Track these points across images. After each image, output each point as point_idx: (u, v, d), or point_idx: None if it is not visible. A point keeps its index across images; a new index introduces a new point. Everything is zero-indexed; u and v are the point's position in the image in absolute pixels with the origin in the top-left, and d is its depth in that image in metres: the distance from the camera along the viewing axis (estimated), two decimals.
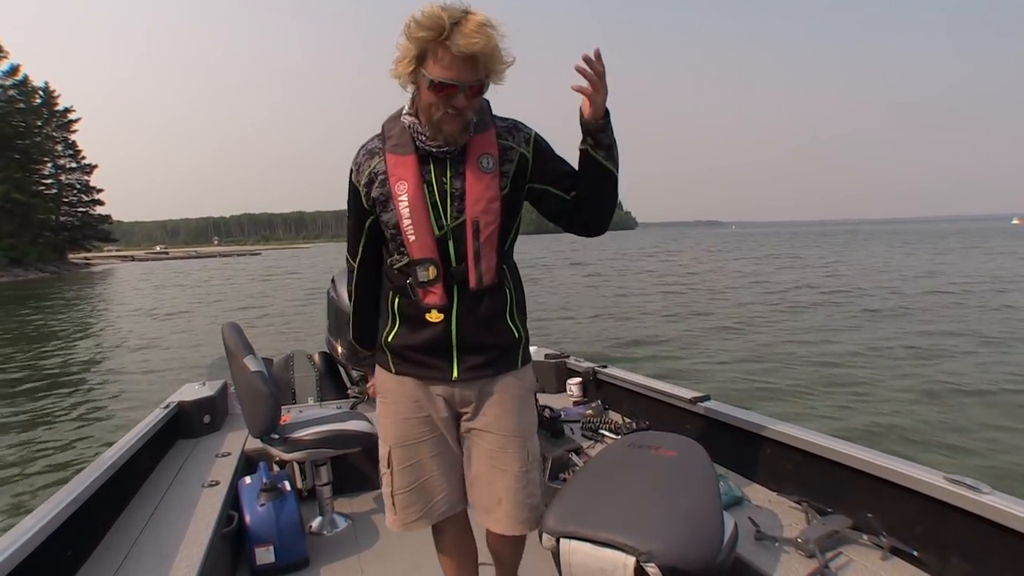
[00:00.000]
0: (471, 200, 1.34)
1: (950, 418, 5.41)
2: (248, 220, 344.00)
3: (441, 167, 1.35)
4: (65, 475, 4.63)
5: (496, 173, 1.35)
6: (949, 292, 14.75)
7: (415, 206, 1.33)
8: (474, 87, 1.25)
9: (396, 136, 1.38)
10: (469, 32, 1.18)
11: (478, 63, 1.21)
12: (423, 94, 1.27)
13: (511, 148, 1.38)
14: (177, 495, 2.01)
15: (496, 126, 1.39)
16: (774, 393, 6.44)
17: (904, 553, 1.46)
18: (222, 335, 2.20)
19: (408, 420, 1.45)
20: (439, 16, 1.17)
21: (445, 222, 1.34)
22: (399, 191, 1.35)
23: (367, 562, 2.03)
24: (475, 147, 1.36)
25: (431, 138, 1.33)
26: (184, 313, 16.42)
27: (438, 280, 1.34)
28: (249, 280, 29.82)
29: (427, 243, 1.34)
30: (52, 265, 45.73)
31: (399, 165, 1.36)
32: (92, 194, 55.83)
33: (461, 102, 1.25)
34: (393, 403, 1.48)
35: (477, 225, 1.34)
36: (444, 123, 1.28)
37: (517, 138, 1.39)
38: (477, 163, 1.34)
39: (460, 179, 1.35)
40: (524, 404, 1.46)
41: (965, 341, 8.78)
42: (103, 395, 7.56)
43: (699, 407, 2.17)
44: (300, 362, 3.35)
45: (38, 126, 50.55)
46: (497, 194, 1.35)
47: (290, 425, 2.15)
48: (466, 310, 1.37)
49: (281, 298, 19.17)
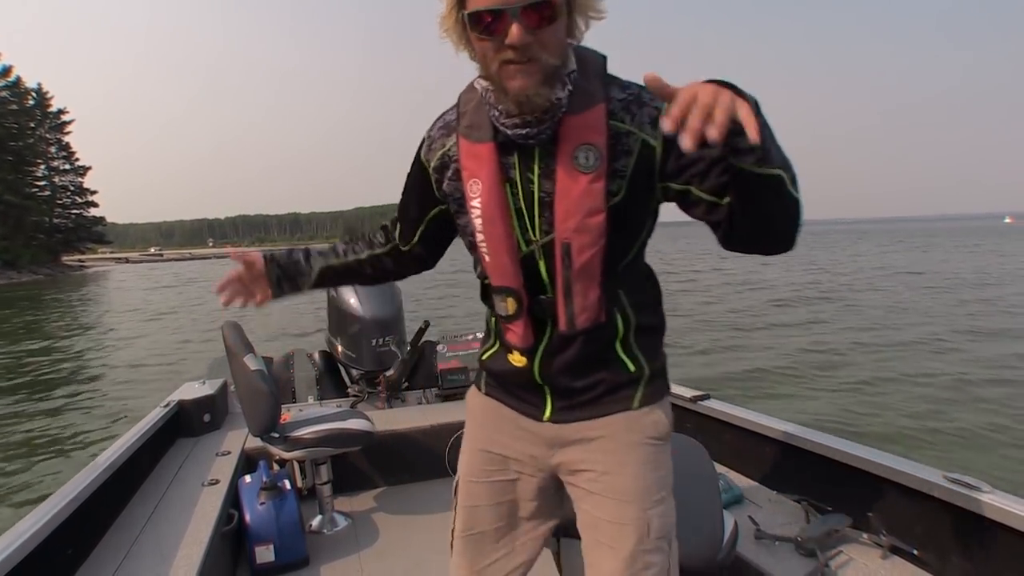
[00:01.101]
0: (560, 213, 0.95)
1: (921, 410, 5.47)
2: (243, 221, 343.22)
3: (527, 159, 0.97)
4: (65, 474, 4.63)
5: (600, 172, 0.92)
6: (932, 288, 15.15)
7: (491, 216, 0.99)
8: (531, 8, 0.84)
9: (471, 113, 1.01)
10: None
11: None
12: (474, 45, 0.92)
13: (629, 133, 0.93)
14: (177, 494, 2.01)
15: (608, 97, 0.94)
16: (760, 385, 6.50)
17: (904, 552, 1.47)
18: (222, 334, 2.20)
19: (481, 452, 1.16)
20: None
21: (533, 236, 0.99)
22: (472, 192, 1.00)
23: (367, 561, 2.03)
24: (569, 132, 0.93)
25: (506, 112, 0.93)
26: (178, 313, 16.37)
27: (519, 316, 1.02)
28: None
29: (505, 267, 1.01)
30: (46, 267, 45.55)
31: (472, 156, 1.00)
32: (86, 196, 55.66)
33: (517, 36, 0.84)
34: (475, 427, 1.20)
35: (567, 249, 0.95)
36: (505, 77, 0.89)
37: (639, 117, 0.93)
38: (572, 157, 0.93)
39: (550, 179, 0.95)
40: (646, 459, 1.05)
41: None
42: (102, 395, 7.56)
43: (699, 406, 2.18)
44: (300, 361, 3.35)
45: (31, 128, 50.42)
46: (600, 205, 0.93)
47: (290, 424, 2.15)
48: (553, 353, 1.04)
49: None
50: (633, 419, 1.05)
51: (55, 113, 53.42)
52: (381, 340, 2.91)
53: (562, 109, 0.93)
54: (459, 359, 3.02)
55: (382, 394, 2.93)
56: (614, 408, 1.05)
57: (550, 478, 1.12)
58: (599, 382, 1.04)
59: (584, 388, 1.05)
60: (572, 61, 0.94)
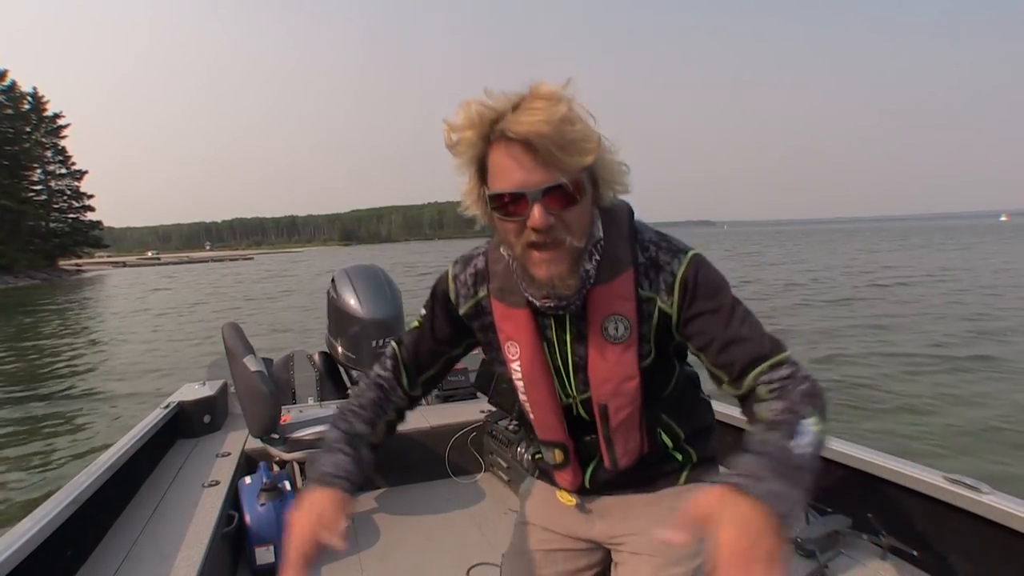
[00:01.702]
0: (595, 380, 0.97)
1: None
2: (240, 225, 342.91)
3: (560, 323, 0.97)
4: (65, 475, 4.61)
5: (631, 341, 0.93)
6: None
7: (533, 377, 1.00)
8: (553, 192, 0.81)
9: (501, 276, 1.00)
10: (527, 109, 0.79)
11: (549, 155, 0.79)
12: (496, 226, 0.89)
13: (650, 299, 0.93)
14: (177, 495, 2.00)
15: (636, 262, 0.93)
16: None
17: (903, 553, 1.46)
18: (222, 335, 2.20)
19: (525, 524, 1.16)
20: (478, 107, 0.82)
21: (571, 391, 1.01)
22: (511, 355, 1.01)
23: (367, 561, 2.03)
24: (598, 303, 0.93)
25: (532, 290, 0.93)
26: (174, 314, 16.34)
27: (567, 463, 1.06)
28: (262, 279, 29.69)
29: (551, 423, 1.03)
30: (43, 272, 45.44)
31: (508, 319, 1.00)
32: (82, 200, 55.57)
33: (539, 220, 0.81)
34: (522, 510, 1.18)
35: (605, 410, 0.98)
36: (530, 264, 0.87)
37: (656, 283, 0.93)
38: (602, 329, 0.94)
39: (582, 344, 0.97)
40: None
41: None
42: (101, 396, 7.55)
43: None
44: (300, 362, 3.34)
45: (27, 132, 50.28)
46: (633, 372, 0.95)
47: (290, 425, 2.14)
48: (603, 480, 1.07)
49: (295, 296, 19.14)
50: (678, 492, 1.06)
51: (51, 117, 53.35)
52: (381, 341, 2.91)
53: (590, 281, 0.93)
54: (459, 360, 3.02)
55: None
56: (660, 485, 1.07)
57: (591, 552, 1.12)
58: (647, 476, 1.07)
59: (631, 482, 1.07)
60: (599, 228, 0.94)
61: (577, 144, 0.80)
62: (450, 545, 2.09)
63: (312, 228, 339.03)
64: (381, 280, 3.07)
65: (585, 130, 0.81)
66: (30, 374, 9.29)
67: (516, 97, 0.81)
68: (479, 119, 0.82)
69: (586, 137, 0.81)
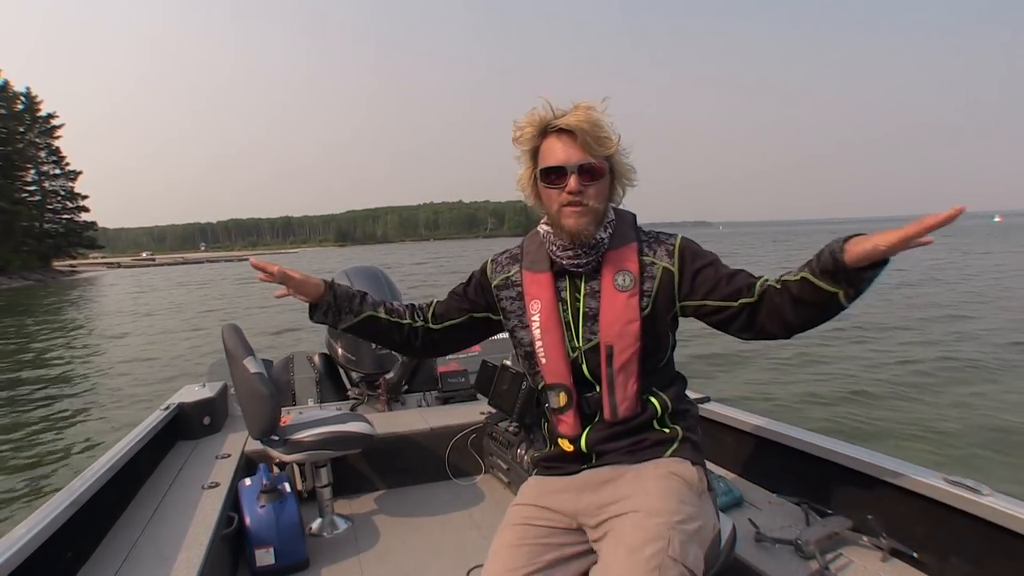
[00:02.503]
0: (605, 322, 1.23)
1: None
2: (235, 226, 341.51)
3: (575, 283, 1.28)
4: (65, 477, 4.60)
5: (635, 291, 1.23)
6: None
7: (548, 326, 1.27)
8: (585, 168, 1.19)
9: (533, 252, 1.35)
10: (573, 112, 1.19)
11: (585, 142, 1.18)
12: (541, 193, 1.26)
13: (653, 263, 1.26)
14: (177, 497, 2.00)
15: (639, 240, 1.29)
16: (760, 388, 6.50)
17: (904, 555, 1.46)
18: (222, 336, 2.19)
19: (519, 506, 1.27)
20: (539, 114, 1.21)
21: (577, 344, 1.25)
22: (533, 310, 1.29)
23: (367, 563, 2.02)
24: (611, 263, 1.26)
25: (562, 246, 1.26)
26: (168, 315, 16.28)
27: (570, 407, 1.26)
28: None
29: (559, 367, 1.26)
30: (36, 273, 45.18)
31: (534, 283, 1.31)
32: (77, 200, 55.24)
33: (573, 185, 1.19)
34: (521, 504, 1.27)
35: (611, 351, 1.22)
36: (564, 217, 1.22)
37: (659, 251, 1.27)
38: (612, 281, 1.25)
39: (595, 298, 1.26)
40: (673, 489, 1.14)
41: None
42: (100, 397, 7.52)
43: (699, 408, 2.19)
44: (300, 363, 3.34)
45: (20, 132, 49.96)
46: (636, 315, 1.22)
47: (290, 427, 2.14)
48: (600, 438, 1.25)
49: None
50: (663, 462, 1.22)
51: (45, 117, 53.06)
52: None
53: (604, 246, 1.27)
54: (459, 362, 3.02)
55: (382, 397, 2.92)
56: (646, 456, 1.24)
57: (579, 532, 1.19)
58: (637, 442, 1.25)
59: (622, 447, 1.25)
60: (612, 214, 1.30)
61: (603, 139, 1.20)
62: (450, 547, 2.09)
63: (308, 229, 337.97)
64: (381, 281, 3.07)
65: (609, 132, 1.21)
66: (25, 376, 9.24)
67: (564, 110, 1.20)
68: (539, 120, 1.22)
69: (610, 136, 1.21)
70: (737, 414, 2.07)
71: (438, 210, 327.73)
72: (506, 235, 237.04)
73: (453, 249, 78.47)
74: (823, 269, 1.04)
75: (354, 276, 3.04)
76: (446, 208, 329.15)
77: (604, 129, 1.19)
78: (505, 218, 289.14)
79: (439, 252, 49.79)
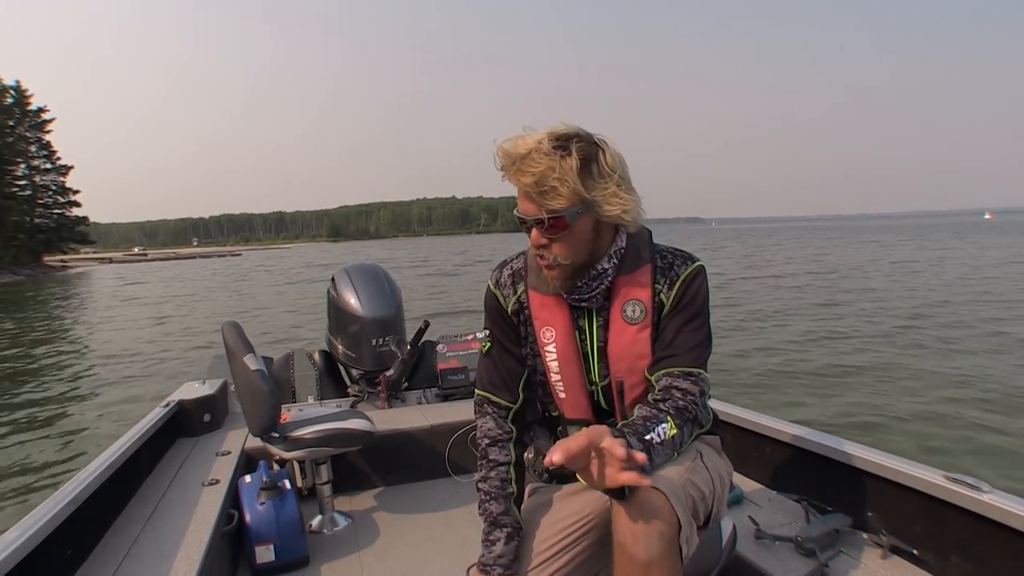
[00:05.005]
0: (613, 357, 1.15)
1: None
2: (228, 221, 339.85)
3: (588, 312, 1.17)
4: (64, 474, 4.57)
5: (646, 323, 1.13)
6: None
7: (566, 359, 1.16)
8: (542, 223, 1.05)
9: (536, 271, 1.19)
10: (528, 161, 1.02)
11: (540, 194, 1.03)
12: None
13: (660, 292, 1.14)
14: (177, 494, 1.99)
15: (654, 264, 1.15)
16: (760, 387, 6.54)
17: (904, 552, 1.46)
18: (222, 333, 2.18)
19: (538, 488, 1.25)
20: (505, 150, 1.05)
21: (595, 378, 1.17)
22: (546, 338, 1.18)
23: (367, 560, 2.02)
24: (620, 291, 1.14)
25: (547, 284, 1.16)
26: (168, 312, 16.20)
27: None
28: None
29: (580, 403, 1.18)
30: (27, 268, 44.76)
31: (544, 307, 1.19)
32: (68, 195, 54.72)
33: (535, 239, 1.08)
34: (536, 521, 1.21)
35: (622, 388, 1.15)
36: (538, 263, 1.12)
37: (665, 280, 1.15)
38: (622, 312, 1.14)
39: (606, 330, 1.15)
40: (687, 457, 1.12)
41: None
42: (99, 396, 7.46)
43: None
44: (300, 360, 3.33)
45: (10, 126, 49.43)
46: (646, 351, 1.13)
47: (290, 424, 2.14)
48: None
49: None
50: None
51: (35, 111, 52.49)
52: (381, 340, 2.91)
53: (608, 276, 1.14)
54: (459, 359, 3.02)
55: (382, 394, 2.92)
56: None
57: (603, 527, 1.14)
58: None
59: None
60: (621, 238, 1.16)
61: (551, 193, 1.02)
62: (450, 544, 2.09)
63: (300, 224, 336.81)
64: (381, 278, 3.07)
65: (562, 180, 1.00)
66: (19, 372, 9.17)
67: (531, 143, 1.02)
68: (504, 161, 1.05)
69: (563, 186, 1.01)
70: (737, 411, 2.07)
71: (431, 206, 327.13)
72: (499, 231, 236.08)
73: (444, 243, 78.28)
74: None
75: (354, 274, 3.03)
76: (439, 204, 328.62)
77: (552, 180, 1.00)
78: (498, 214, 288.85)
79: (430, 254, 49.51)
